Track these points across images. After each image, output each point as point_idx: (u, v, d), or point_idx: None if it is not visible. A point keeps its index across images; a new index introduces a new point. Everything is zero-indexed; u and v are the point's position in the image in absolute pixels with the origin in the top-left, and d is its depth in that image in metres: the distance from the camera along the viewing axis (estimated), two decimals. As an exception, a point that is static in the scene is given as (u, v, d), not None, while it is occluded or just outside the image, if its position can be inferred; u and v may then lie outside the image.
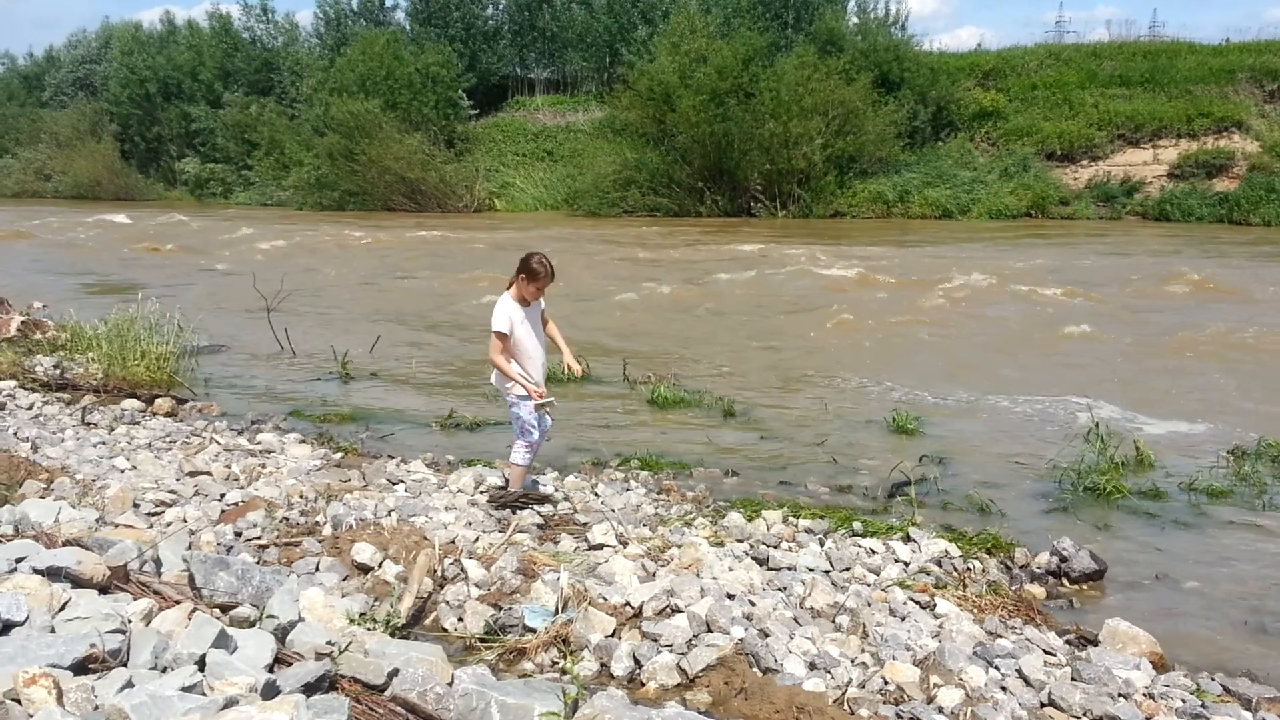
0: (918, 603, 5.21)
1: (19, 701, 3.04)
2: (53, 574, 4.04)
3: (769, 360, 12.92)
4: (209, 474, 7.16)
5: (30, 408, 9.31)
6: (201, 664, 3.50)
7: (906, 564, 5.85)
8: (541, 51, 56.87)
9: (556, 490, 7.12)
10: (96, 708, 3.11)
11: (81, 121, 61.35)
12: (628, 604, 4.89)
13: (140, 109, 60.49)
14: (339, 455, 8.14)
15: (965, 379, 11.55)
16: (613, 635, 4.62)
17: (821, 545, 6.11)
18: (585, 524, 6.37)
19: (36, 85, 70.24)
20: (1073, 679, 4.41)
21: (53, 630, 3.61)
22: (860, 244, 28.03)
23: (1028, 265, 22.19)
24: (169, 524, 5.92)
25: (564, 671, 4.34)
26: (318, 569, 5.28)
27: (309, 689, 3.49)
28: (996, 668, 4.47)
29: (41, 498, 6.11)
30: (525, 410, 6.49)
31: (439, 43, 51.39)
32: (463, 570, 5.29)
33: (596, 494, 7.19)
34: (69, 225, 35.06)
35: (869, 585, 5.46)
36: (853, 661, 4.51)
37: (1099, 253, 25.77)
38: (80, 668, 3.35)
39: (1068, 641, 4.99)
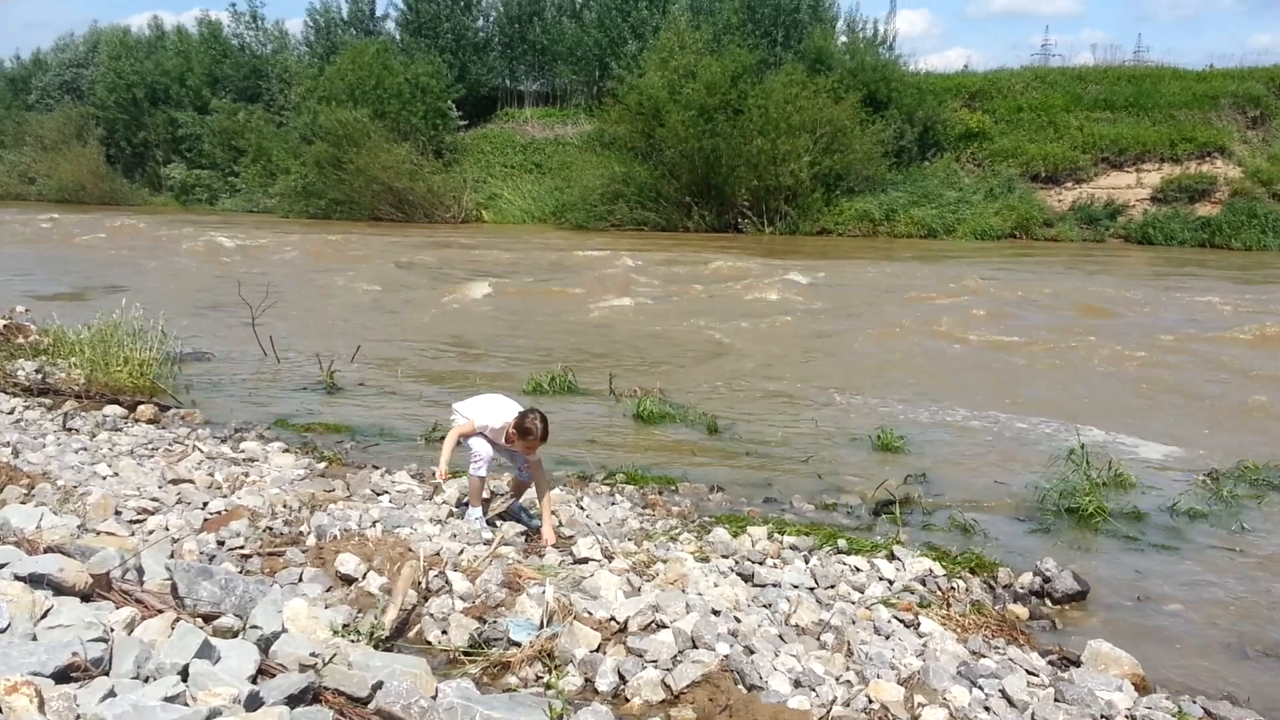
0: (902, 621, 5.22)
1: (0, 710, 3.01)
2: (35, 581, 4.00)
3: (754, 375, 12.93)
4: (191, 482, 7.11)
5: (11, 412, 9.23)
6: (184, 674, 3.47)
7: (891, 582, 5.87)
8: (531, 64, 56.91)
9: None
10: (78, 717, 3.08)
11: (67, 125, 60.92)
12: (613, 619, 4.88)
13: (127, 114, 60.17)
14: (323, 465, 8.10)
15: (949, 397, 11.60)
16: (598, 650, 4.61)
17: (806, 562, 6.12)
18: (570, 537, 6.36)
19: (23, 88, 69.74)
20: (1055, 700, 4.43)
21: (34, 638, 3.57)
22: (845, 261, 28.14)
23: (1011, 285, 22.31)
24: (151, 532, 5.88)
25: (548, 686, 4.32)
26: (301, 580, 5.25)
27: (292, 701, 3.47)
28: (980, 688, 4.48)
29: (22, 503, 6.06)
30: (473, 440, 6.58)
31: (429, 53, 51.36)
32: (447, 583, 5.26)
33: (582, 507, 7.17)
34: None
35: (853, 603, 5.47)
36: (837, 680, 4.51)
37: (1082, 274, 25.94)
38: (62, 676, 3.31)
39: (1050, 662, 5.01)
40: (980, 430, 10.28)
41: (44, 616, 3.74)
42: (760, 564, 6.01)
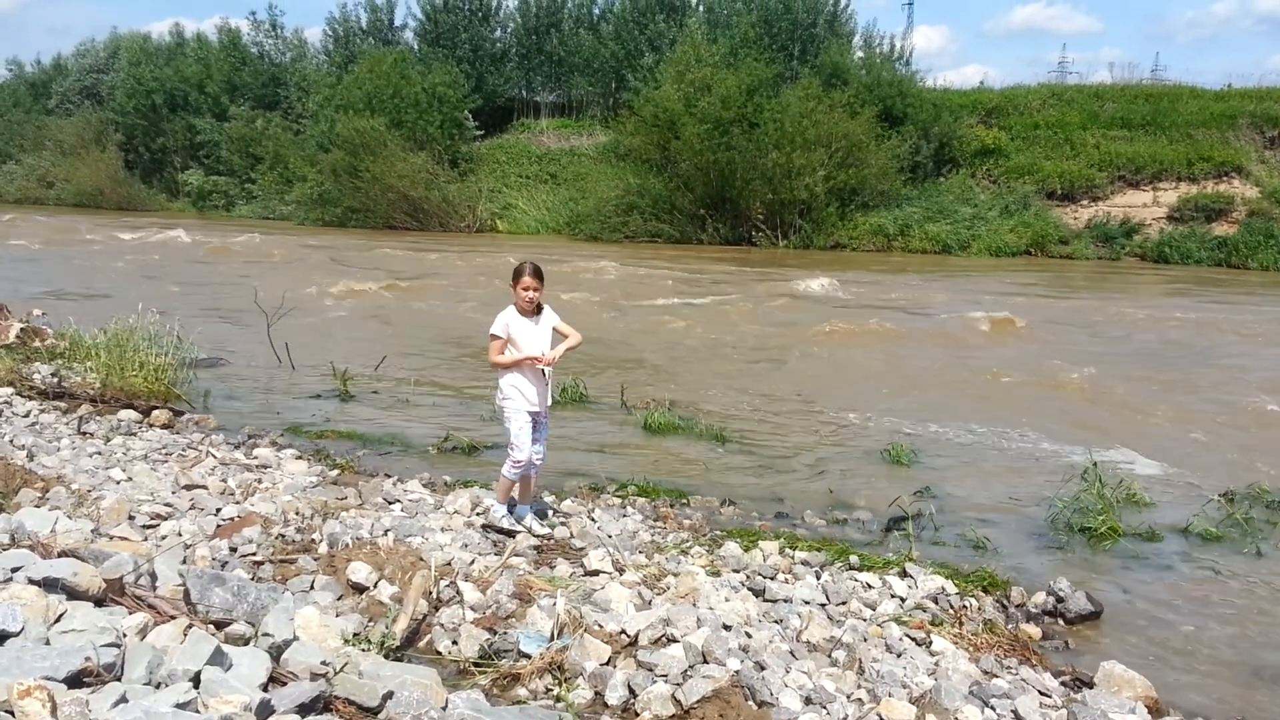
0: (914, 639, 5.19)
1: (12, 713, 3.02)
2: (49, 584, 4.01)
3: (764, 387, 12.91)
4: (205, 488, 7.14)
5: (27, 415, 9.29)
6: (196, 681, 3.48)
7: (903, 600, 5.84)
8: (548, 75, 57.21)
9: (553, 513, 7.12)
10: (90, 722, 3.09)
11: (86, 130, 61.57)
12: (623, 632, 4.87)
13: (146, 119, 60.71)
14: (335, 472, 8.12)
15: (960, 412, 11.54)
16: (608, 663, 4.59)
17: (818, 578, 6.09)
18: (581, 549, 6.36)
19: (43, 92, 70.51)
20: (1068, 721, 4.40)
21: (47, 642, 3.58)
22: (859, 276, 28.10)
23: (1025, 303, 22.25)
24: (164, 537, 5.89)
25: (558, 699, 4.31)
26: (313, 587, 5.25)
27: (303, 710, 3.48)
28: (992, 708, 4.45)
29: (37, 506, 6.09)
30: (513, 425, 6.58)
31: (446, 63, 51.66)
32: (458, 593, 5.26)
33: (593, 519, 7.17)
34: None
35: (865, 620, 5.45)
36: (849, 697, 4.49)
37: (1097, 294, 25.85)
38: (75, 681, 3.32)
39: (1063, 683, 4.98)
40: (992, 446, 10.23)
41: (57, 621, 3.76)
42: (772, 579, 5.99)
